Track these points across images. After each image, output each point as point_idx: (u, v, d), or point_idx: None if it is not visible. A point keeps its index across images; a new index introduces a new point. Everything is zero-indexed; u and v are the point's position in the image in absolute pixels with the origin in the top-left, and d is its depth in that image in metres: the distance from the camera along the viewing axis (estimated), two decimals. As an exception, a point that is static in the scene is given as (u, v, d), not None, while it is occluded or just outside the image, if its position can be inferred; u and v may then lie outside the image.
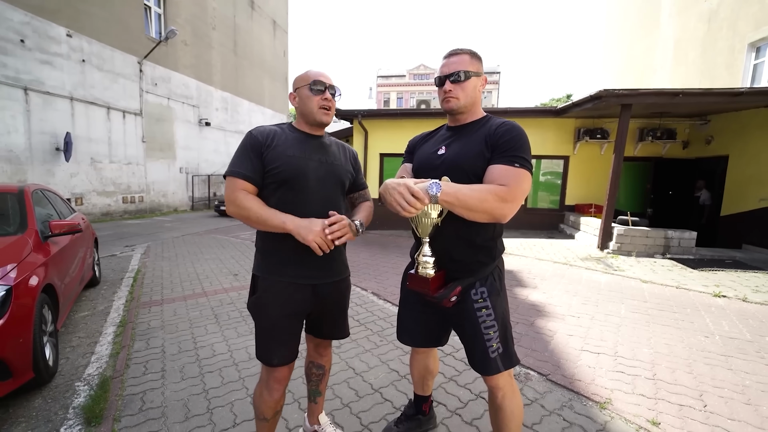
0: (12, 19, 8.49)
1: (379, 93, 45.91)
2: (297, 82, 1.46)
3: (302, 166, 1.37)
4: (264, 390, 1.45)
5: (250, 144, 1.36)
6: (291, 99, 1.48)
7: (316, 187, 1.39)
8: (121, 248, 6.75)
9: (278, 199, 1.36)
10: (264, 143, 1.36)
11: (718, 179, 7.39)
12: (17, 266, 2.19)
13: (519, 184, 1.16)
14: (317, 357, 1.66)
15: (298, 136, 1.44)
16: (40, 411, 2.04)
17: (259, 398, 1.47)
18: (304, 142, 1.43)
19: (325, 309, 1.50)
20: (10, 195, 2.96)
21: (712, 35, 8.95)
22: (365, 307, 3.65)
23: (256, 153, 1.35)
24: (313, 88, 1.40)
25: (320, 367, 1.67)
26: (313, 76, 1.42)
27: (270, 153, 1.35)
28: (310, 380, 1.70)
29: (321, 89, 1.40)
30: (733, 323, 3.29)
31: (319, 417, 1.76)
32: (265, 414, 1.47)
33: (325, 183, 1.43)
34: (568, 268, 5.28)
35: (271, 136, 1.38)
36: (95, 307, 3.71)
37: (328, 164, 1.45)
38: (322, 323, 1.54)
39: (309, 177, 1.38)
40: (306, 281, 1.40)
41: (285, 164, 1.34)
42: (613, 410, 2.02)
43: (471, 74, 1.31)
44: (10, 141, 8.61)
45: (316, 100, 1.40)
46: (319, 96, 1.40)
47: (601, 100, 6.21)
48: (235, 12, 17.18)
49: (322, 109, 1.41)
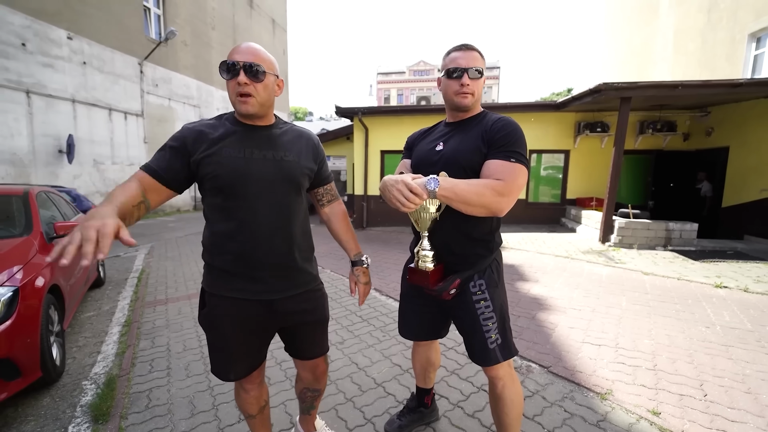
0: (13, 23, 8.52)
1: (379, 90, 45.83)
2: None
3: (240, 168, 1.15)
4: (240, 391, 1.40)
5: (174, 138, 1.16)
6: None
7: (261, 191, 1.18)
8: (125, 249, 6.80)
9: (219, 209, 1.19)
10: (190, 147, 1.14)
11: (719, 170, 7.37)
12: (23, 268, 2.22)
13: (515, 179, 1.18)
14: (314, 383, 1.50)
15: (239, 131, 1.19)
16: (49, 409, 2.08)
17: (238, 399, 1.43)
18: (245, 137, 1.19)
19: (295, 325, 1.33)
20: (15, 197, 3.00)
21: (712, 26, 8.89)
22: (367, 303, 3.68)
23: (177, 152, 1.14)
24: (222, 69, 1.14)
25: (315, 391, 1.54)
26: (230, 54, 1.14)
27: (203, 159, 1.13)
28: (304, 401, 1.58)
29: (229, 70, 1.13)
30: (734, 313, 3.30)
31: (314, 423, 1.71)
32: (249, 411, 1.43)
33: (273, 185, 1.19)
34: (569, 262, 5.29)
35: (201, 138, 1.15)
36: (100, 307, 3.75)
37: (275, 161, 1.21)
38: (295, 340, 1.39)
39: (250, 180, 1.16)
40: (257, 297, 1.22)
41: (219, 168, 1.13)
42: (614, 401, 2.04)
43: (483, 72, 1.32)
44: (14, 144, 8.66)
45: (232, 85, 1.14)
46: (232, 80, 1.13)
47: (600, 94, 6.19)
48: (234, 11, 17.15)
49: (240, 97, 1.14)
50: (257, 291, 1.22)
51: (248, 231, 1.18)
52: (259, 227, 1.19)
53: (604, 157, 7.97)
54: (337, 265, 5.18)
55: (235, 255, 1.19)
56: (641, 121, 8.08)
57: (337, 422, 1.90)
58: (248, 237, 1.18)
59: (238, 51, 1.14)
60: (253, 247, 1.19)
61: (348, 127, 9.96)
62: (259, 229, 1.19)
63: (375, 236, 7.86)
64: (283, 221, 1.23)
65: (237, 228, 1.18)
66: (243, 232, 1.18)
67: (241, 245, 1.18)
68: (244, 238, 1.18)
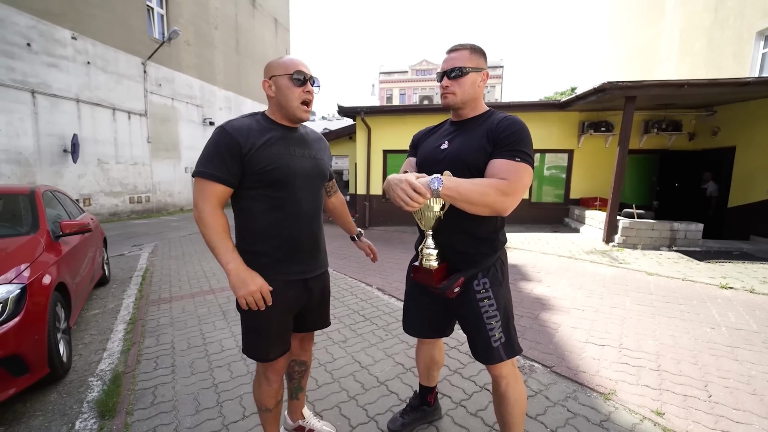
0: (18, 23, 8.58)
1: (381, 89, 45.76)
2: (274, 69, 1.32)
3: (291, 164, 1.31)
4: (262, 381, 1.46)
5: (226, 144, 1.23)
6: (265, 87, 1.34)
7: (303, 184, 1.35)
8: (129, 248, 6.84)
9: (266, 200, 1.30)
10: (243, 143, 1.24)
11: (726, 170, 7.31)
12: (31, 265, 2.24)
13: (520, 178, 1.18)
14: (301, 353, 1.65)
15: (279, 131, 1.34)
16: (56, 405, 2.10)
17: (258, 390, 1.48)
18: (287, 137, 1.34)
19: (313, 301, 1.50)
20: (21, 196, 3.03)
21: (718, 24, 8.81)
22: (370, 303, 3.68)
23: (232, 154, 1.23)
24: (295, 78, 1.28)
25: (302, 364, 1.67)
26: (295, 64, 1.30)
27: (255, 153, 1.24)
28: (292, 378, 1.69)
29: (302, 80, 1.29)
30: (739, 314, 3.28)
31: (302, 411, 1.77)
32: (267, 404, 1.49)
33: (311, 179, 1.39)
34: (572, 262, 5.27)
35: (251, 134, 1.26)
36: (106, 305, 3.78)
37: (311, 159, 1.39)
38: (307, 315, 1.54)
39: (296, 174, 1.32)
40: (298, 276, 1.39)
41: (273, 164, 1.27)
42: (617, 401, 2.04)
43: (469, 70, 1.32)
44: (19, 143, 8.73)
45: (298, 93, 1.30)
46: (300, 88, 1.30)
47: (604, 93, 6.15)
48: (236, 11, 17.19)
49: (303, 104, 1.32)
50: (296, 272, 1.38)
51: (295, 218, 1.35)
52: (302, 215, 1.37)
53: (609, 156, 7.93)
54: (339, 264, 5.19)
55: (282, 240, 1.34)
56: (646, 120, 8.02)
57: (340, 420, 1.91)
58: (295, 223, 1.35)
59: (304, 65, 1.33)
60: (298, 231, 1.37)
61: (350, 126, 9.96)
62: (302, 217, 1.37)
63: (377, 236, 7.87)
64: (316, 210, 1.45)
65: (285, 216, 1.33)
66: (290, 219, 1.34)
67: (289, 231, 1.34)
68: (291, 225, 1.34)
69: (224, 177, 1.23)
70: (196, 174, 1.25)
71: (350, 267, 5.06)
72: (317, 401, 2.07)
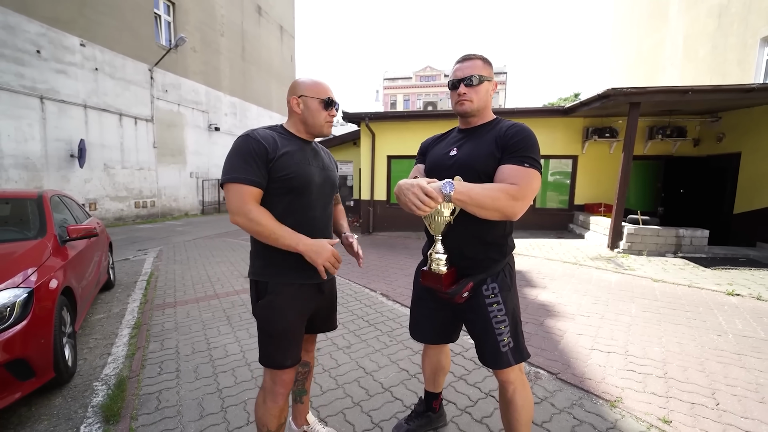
0: (29, 30, 8.74)
1: (385, 95, 46.01)
2: (306, 90, 1.42)
3: (309, 174, 1.40)
4: (268, 398, 1.41)
5: (254, 149, 1.30)
6: (293, 104, 1.43)
7: (317, 193, 1.44)
8: (134, 252, 6.88)
9: (286, 205, 1.37)
10: (270, 150, 1.32)
11: (731, 177, 7.27)
12: (38, 270, 2.26)
13: (529, 183, 1.19)
14: (304, 354, 1.66)
15: (298, 143, 1.44)
16: (61, 409, 2.11)
17: (262, 408, 1.42)
18: (304, 149, 1.44)
19: (323, 304, 1.56)
20: (29, 201, 3.06)
21: (722, 30, 8.81)
22: (375, 308, 3.68)
23: (261, 159, 1.30)
24: (326, 102, 1.43)
25: (305, 365, 1.70)
26: (326, 90, 1.45)
27: (279, 160, 1.33)
28: (296, 380, 1.68)
29: (332, 105, 1.45)
30: (746, 321, 3.25)
31: (306, 417, 1.77)
32: (270, 426, 1.42)
33: (324, 189, 1.48)
34: (577, 268, 5.24)
35: (275, 143, 1.36)
36: (111, 309, 3.80)
37: (325, 170, 1.51)
38: (316, 318, 1.56)
39: (313, 183, 1.41)
40: (314, 280, 1.42)
41: (295, 172, 1.35)
42: (623, 408, 2.02)
43: (484, 78, 1.35)
44: (27, 148, 8.85)
45: (325, 115, 1.44)
46: (327, 111, 1.45)
47: (609, 99, 6.16)
48: (242, 18, 17.41)
49: (328, 123, 1.47)
50: (311, 275, 1.40)
51: (311, 224, 1.42)
52: (317, 221, 1.45)
53: (613, 162, 7.91)
54: (344, 270, 5.19)
55: None
56: (650, 126, 8.01)
57: (344, 426, 1.90)
58: (311, 229, 1.40)
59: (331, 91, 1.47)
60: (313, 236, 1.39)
61: (355, 132, 10.01)
62: (317, 223, 1.45)
63: (381, 241, 7.87)
64: (328, 218, 1.54)
65: (302, 221, 1.38)
66: (306, 224, 1.39)
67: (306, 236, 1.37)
68: (306, 230, 1.37)
69: (258, 180, 1.29)
70: (232, 180, 1.27)
71: (354, 273, 5.06)
72: (321, 407, 2.07)
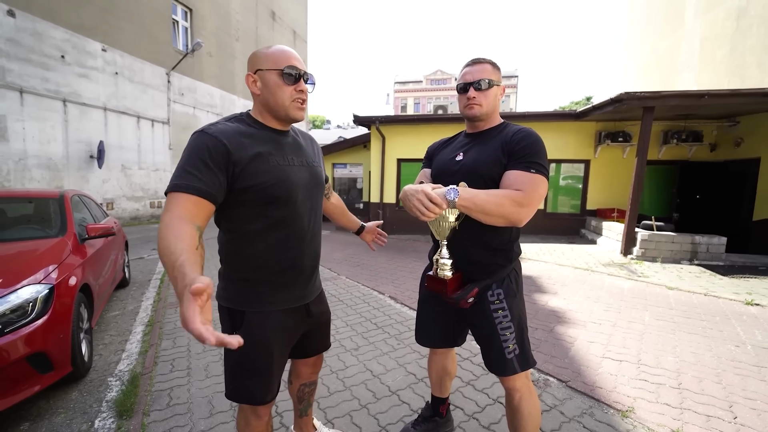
0: (55, 37, 9.08)
1: (396, 99, 46.17)
2: (260, 61, 1.09)
3: (292, 177, 1.11)
4: (251, 418, 1.22)
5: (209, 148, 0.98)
6: (249, 82, 1.11)
7: (304, 198, 1.16)
8: (148, 251, 7.03)
9: (263, 219, 1.10)
10: (232, 149, 1.01)
11: (750, 183, 7.07)
12: (58, 267, 2.34)
13: (535, 190, 1.18)
14: (312, 375, 1.52)
15: (270, 136, 1.13)
16: (77, 403, 2.17)
17: (246, 427, 1.23)
18: (282, 143, 1.14)
19: (315, 324, 1.36)
20: (51, 200, 3.17)
21: (741, 33, 8.61)
22: (383, 311, 3.68)
23: (217, 161, 0.98)
24: (286, 74, 1.08)
25: (312, 384, 1.55)
26: (287, 57, 1.08)
27: (250, 165, 1.03)
28: (302, 399, 1.54)
29: (295, 76, 1.09)
30: (766, 333, 3.15)
31: (313, 423, 1.70)
32: None
33: (310, 189, 1.19)
34: (589, 274, 5.16)
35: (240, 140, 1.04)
36: (125, 306, 3.89)
37: (308, 167, 1.20)
38: (310, 339, 1.37)
39: (296, 188, 1.13)
40: (300, 303, 1.23)
41: (274, 178, 1.07)
42: (635, 419, 1.98)
43: (493, 83, 1.35)
44: (50, 150, 9.15)
45: (289, 92, 1.09)
46: (292, 86, 1.09)
47: (622, 103, 6.07)
48: (257, 24, 17.72)
49: (296, 102, 1.11)
50: (297, 297, 1.22)
51: (297, 238, 1.17)
52: (305, 234, 1.19)
53: (626, 167, 7.77)
54: (352, 272, 5.21)
55: (285, 265, 1.15)
56: (665, 130, 7.86)
57: (351, 428, 1.91)
58: (297, 244, 1.17)
59: (297, 58, 1.10)
60: (300, 252, 1.18)
61: (365, 135, 10.06)
62: (304, 236, 1.19)
63: (391, 244, 7.87)
64: (318, 225, 1.27)
65: (287, 237, 1.14)
66: (291, 239, 1.15)
67: (291, 253, 1.16)
68: (293, 246, 1.15)
69: (203, 188, 0.96)
70: (170, 189, 0.96)
71: (363, 275, 5.08)
72: (329, 408, 2.08)
